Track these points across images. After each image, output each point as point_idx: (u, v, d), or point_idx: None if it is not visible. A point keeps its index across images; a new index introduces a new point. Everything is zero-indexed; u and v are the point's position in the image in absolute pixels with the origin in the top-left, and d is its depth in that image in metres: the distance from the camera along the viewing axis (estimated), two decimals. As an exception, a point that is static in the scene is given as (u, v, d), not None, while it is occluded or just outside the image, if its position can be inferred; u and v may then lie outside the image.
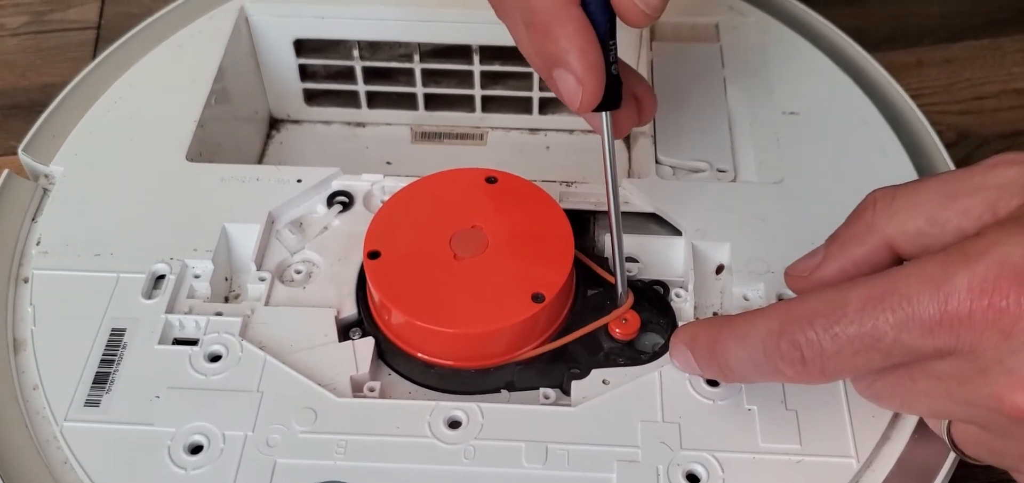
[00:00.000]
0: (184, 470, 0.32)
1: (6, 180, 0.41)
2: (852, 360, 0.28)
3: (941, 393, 0.27)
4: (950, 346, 0.26)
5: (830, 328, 0.28)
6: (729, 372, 0.31)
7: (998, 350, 0.26)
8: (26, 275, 0.38)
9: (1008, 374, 0.26)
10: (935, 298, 0.26)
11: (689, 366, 0.32)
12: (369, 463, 0.32)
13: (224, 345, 0.35)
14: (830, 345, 0.28)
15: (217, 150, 0.44)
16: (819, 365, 0.28)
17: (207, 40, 0.46)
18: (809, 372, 0.28)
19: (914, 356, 0.27)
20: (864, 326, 0.27)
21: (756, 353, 0.29)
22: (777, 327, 0.29)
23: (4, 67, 0.58)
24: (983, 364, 0.26)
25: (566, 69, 0.32)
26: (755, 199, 0.39)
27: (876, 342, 0.27)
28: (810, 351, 0.28)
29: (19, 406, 0.34)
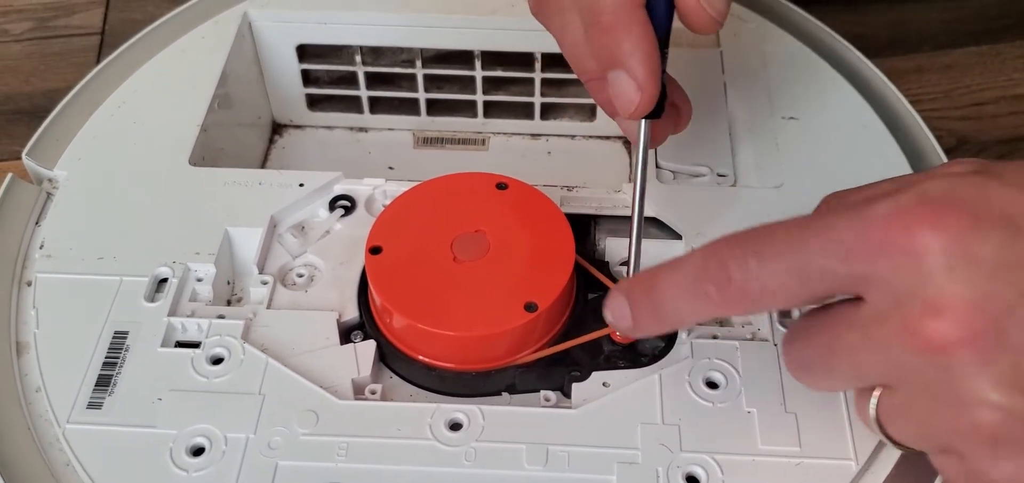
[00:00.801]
0: (186, 472, 0.32)
1: (10, 184, 0.41)
2: (776, 280, 0.27)
3: (862, 343, 0.27)
4: (867, 273, 0.26)
5: (758, 248, 0.28)
6: (660, 307, 0.30)
7: (912, 278, 0.25)
8: (29, 278, 0.38)
9: (920, 303, 0.25)
10: (855, 223, 0.26)
11: (623, 316, 0.31)
12: (370, 465, 0.32)
13: (226, 348, 0.35)
14: (755, 264, 0.27)
15: (220, 155, 0.44)
16: (742, 285, 0.28)
17: (210, 45, 0.46)
18: (732, 293, 0.28)
19: (832, 284, 0.27)
20: (789, 246, 0.27)
21: (687, 278, 0.29)
22: (708, 250, 0.29)
23: (8, 73, 0.58)
24: (897, 296, 0.26)
25: (626, 72, 0.31)
26: (755, 203, 0.40)
27: (800, 266, 0.27)
28: (737, 269, 0.28)
29: (22, 408, 0.34)
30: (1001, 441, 0.26)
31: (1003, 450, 0.26)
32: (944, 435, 0.27)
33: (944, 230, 0.25)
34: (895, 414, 0.28)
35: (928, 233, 0.25)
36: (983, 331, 0.25)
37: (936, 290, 0.25)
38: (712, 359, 0.34)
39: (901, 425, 0.28)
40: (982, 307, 0.25)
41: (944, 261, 0.25)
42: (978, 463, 0.26)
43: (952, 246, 0.25)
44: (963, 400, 0.26)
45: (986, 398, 0.25)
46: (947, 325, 0.25)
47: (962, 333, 0.25)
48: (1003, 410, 0.25)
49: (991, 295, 0.25)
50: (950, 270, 0.25)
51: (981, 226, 0.25)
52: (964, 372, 0.25)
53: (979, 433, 0.26)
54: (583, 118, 0.50)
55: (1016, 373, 0.25)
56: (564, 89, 0.49)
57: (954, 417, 0.26)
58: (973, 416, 0.26)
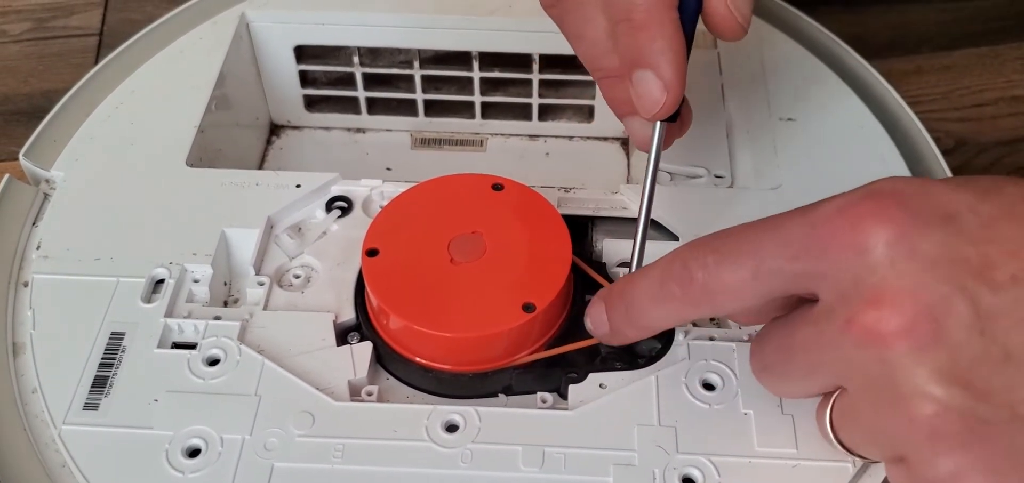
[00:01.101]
0: (182, 474, 0.32)
1: (7, 185, 0.41)
2: (731, 276, 0.28)
3: (814, 340, 0.27)
4: (814, 270, 0.27)
5: (716, 247, 0.29)
6: (631, 310, 0.31)
7: (856, 271, 0.26)
8: (26, 279, 0.38)
9: (862, 295, 0.26)
10: (804, 222, 0.27)
11: (600, 322, 0.32)
12: (367, 467, 0.32)
13: (223, 349, 0.35)
14: (713, 263, 0.29)
15: (217, 156, 0.44)
16: (702, 284, 0.29)
17: (208, 46, 0.46)
18: (695, 291, 0.29)
19: (783, 281, 0.28)
20: (744, 245, 0.28)
21: (654, 281, 0.30)
22: (674, 253, 0.30)
23: (7, 73, 0.58)
24: (843, 290, 0.26)
25: (654, 71, 0.31)
26: (752, 205, 0.40)
27: (755, 264, 0.28)
28: (698, 268, 0.29)
29: (18, 409, 0.34)
30: (939, 435, 0.26)
31: (941, 445, 0.26)
32: (889, 437, 0.27)
33: (887, 224, 0.26)
34: (846, 418, 0.28)
35: (872, 227, 0.26)
36: (921, 323, 0.25)
37: (878, 282, 0.26)
38: (709, 361, 0.34)
39: (851, 430, 0.29)
40: (920, 299, 0.25)
41: (886, 254, 0.26)
42: (920, 461, 0.26)
43: (894, 240, 0.26)
44: (902, 394, 0.26)
45: (923, 390, 0.25)
46: (886, 316, 0.25)
47: (900, 324, 0.25)
48: (940, 403, 0.25)
49: (930, 288, 0.25)
50: (892, 263, 0.26)
51: (923, 222, 0.26)
52: (902, 364, 0.25)
53: (918, 428, 0.26)
54: (581, 119, 0.50)
55: (953, 366, 0.25)
56: (562, 90, 0.49)
57: (895, 413, 0.26)
58: (911, 410, 0.26)
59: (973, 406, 0.25)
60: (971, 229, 0.26)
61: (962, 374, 0.25)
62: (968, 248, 0.25)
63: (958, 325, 0.25)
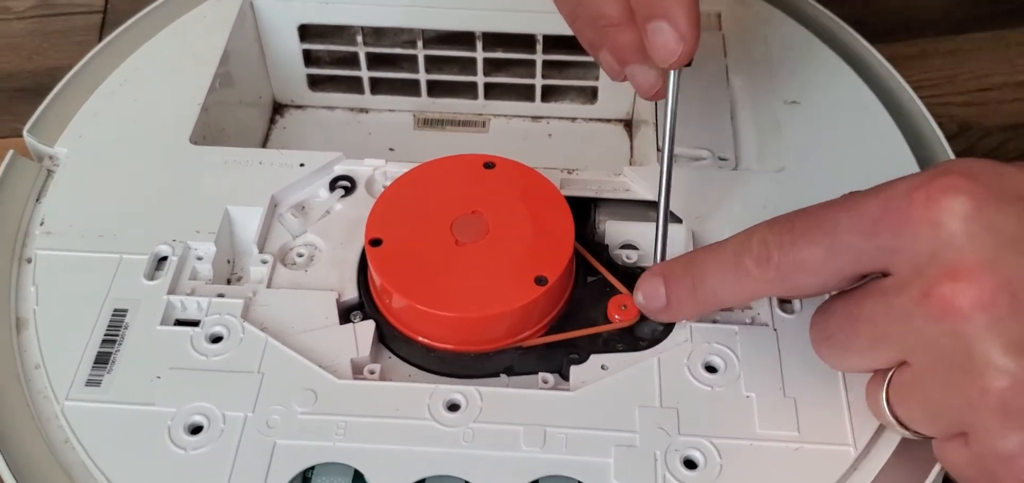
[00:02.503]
0: (184, 450, 0.32)
1: (11, 161, 0.41)
2: (808, 253, 0.29)
3: (882, 312, 0.28)
4: (890, 245, 0.27)
5: (792, 226, 0.29)
6: (700, 285, 0.32)
7: (933, 245, 0.26)
8: (29, 255, 0.38)
9: (938, 267, 0.26)
10: (879, 199, 0.28)
11: (656, 297, 0.33)
12: (369, 444, 0.32)
13: (225, 326, 0.35)
14: (789, 241, 0.29)
15: (221, 134, 0.44)
16: (779, 262, 0.29)
17: (212, 24, 0.46)
18: (771, 270, 0.29)
19: (858, 259, 0.28)
20: (820, 223, 0.29)
21: (728, 256, 0.31)
22: (749, 231, 0.31)
23: (11, 50, 0.58)
24: (918, 263, 0.27)
25: (669, 22, 0.31)
26: (756, 187, 0.40)
27: (830, 242, 0.28)
28: (775, 246, 0.29)
29: (21, 385, 0.34)
30: (1010, 409, 0.26)
31: (1012, 420, 0.26)
32: (955, 410, 0.27)
33: (964, 198, 0.26)
34: (907, 392, 0.29)
35: (949, 201, 0.26)
36: (998, 296, 0.26)
37: (955, 255, 0.26)
38: (711, 343, 0.34)
39: (912, 406, 0.29)
40: (998, 273, 0.26)
41: (964, 227, 0.26)
42: (986, 435, 0.27)
43: (972, 214, 0.26)
44: (975, 366, 0.26)
45: (998, 363, 0.26)
46: (963, 288, 0.26)
47: (977, 296, 0.26)
48: (1014, 377, 0.26)
49: (1007, 263, 0.26)
50: (969, 237, 0.26)
51: (1001, 198, 0.26)
52: (977, 336, 0.26)
53: (988, 400, 0.26)
54: (584, 101, 0.50)
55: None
56: (565, 71, 0.49)
57: (965, 385, 0.26)
58: (984, 382, 0.26)
59: None
60: None
61: None
62: None
63: None
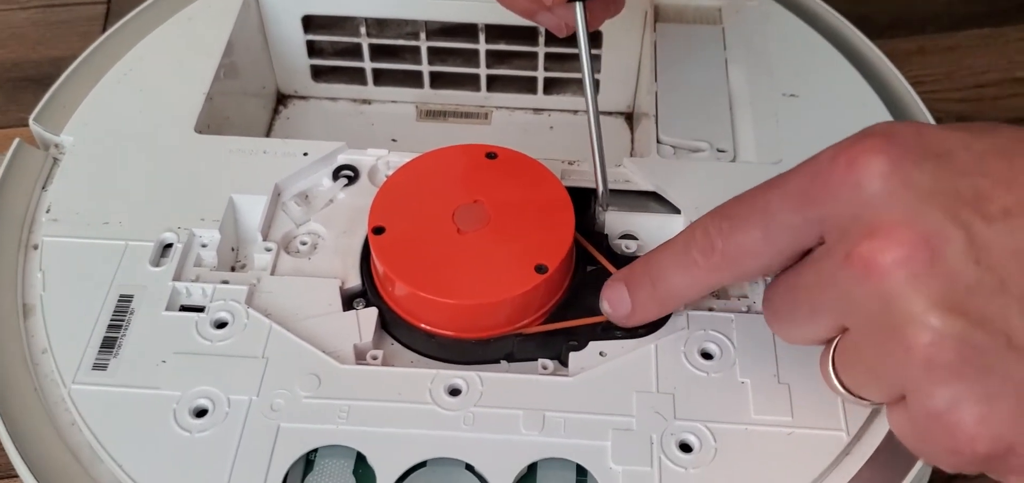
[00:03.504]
0: (189, 432, 0.32)
1: (17, 149, 0.41)
2: (745, 237, 0.30)
3: (816, 280, 0.28)
4: (819, 215, 0.28)
5: (730, 213, 0.30)
6: (657, 283, 0.33)
7: (853, 206, 0.27)
8: (36, 242, 0.39)
9: (860, 228, 0.26)
10: (804, 172, 0.28)
11: (621, 301, 0.34)
12: (371, 427, 0.32)
13: (230, 312, 0.35)
14: (728, 228, 0.30)
15: (225, 123, 0.45)
16: (722, 250, 0.30)
17: (217, 15, 0.47)
18: (716, 258, 0.30)
19: (793, 235, 0.29)
20: (754, 206, 0.29)
21: (677, 251, 0.32)
22: (693, 224, 0.32)
23: (15, 40, 0.59)
24: (842, 227, 0.27)
25: None
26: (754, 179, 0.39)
27: (765, 223, 0.29)
28: (717, 235, 0.30)
29: (28, 369, 0.35)
30: (935, 364, 0.26)
31: (938, 374, 0.26)
32: (888, 372, 0.27)
33: (881, 158, 0.27)
34: (847, 357, 0.29)
35: (868, 162, 0.27)
36: (917, 252, 0.26)
37: (874, 214, 0.26)
38: (707, 330, 0.35)
39: (853, 369, 0.29)
40: (915, 227, 0.26)
41: (882, 186, 0.26)
42: (917, 394, 0.27)
43: (889, 172, 0.26)
44: (899, 324, 0.26)
45: (920, 319, 0.26)
46: (881, 245, 0.26)
47: (896, 254, 0.26)
48: (936, 331, 0.25)
49: (925, 218, 0.26)
50: (887, 194, 0.26)
51: (917, 155, 0.26)
52: (899, 293, 0.26)
53: (914, 357, 0.26)
54: (585, 93, 0.50)
55: (949, 295, 0.25)
56: (567, 64, 0.49)
57: (893, 345, 0.26)
58: (908, 339, 0.26)
59: (969, 334, 0.25)
60: (964, 163, 0.26)
61: (958, 302, 0.25)
62: (961, 180, 0.26)
63: (953, 254, 0.25)
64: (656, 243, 0.38)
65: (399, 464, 0.32)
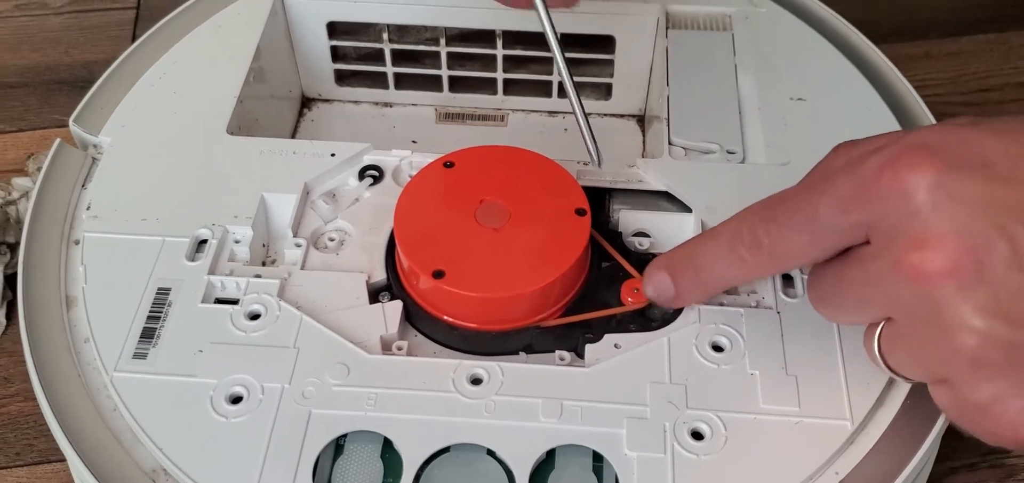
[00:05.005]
0: (225, 418, 0.34)
1: (58, 149, 0.43)
2: (795, 239, 0.31)
3: (861, 278, 0.30)
4: (866, 221, 0.29)
5: (775, 214, 0.31)
6: (701, 274, 0.34)
7: (901, 215, 0.28)
8: (77, 237, 0.40)
9: (908, 238, 0.28)
10: (851, 177, 0.29)
11: (664, 288, 0.35)
12: (397, 414, 0.34)
13: (263, 305, 0.37)
14: (775, 229, 0.31)
15: (254, 125, 0.46)
16: (769, 248, 0.31)
17: (246, 21, 0.49)
18: (763, 256, 0.32)
19: (839, 236, 0.30)
20: (800, 208, 0.31)
21: (723, 246, 0.33)
22: (738, 218, 0.33)
23: (49, 44, 0.61)
24: (889, 234, 0.29)
25: None
26: (762, 180, 0.41)
27: (809, 225, 0.30)
28: (763, 234, 0.31)
29: (72, 357, 0.37)
30: (981, 364, 0.28)
31: (983, 372, 0.28)
32: (933, 363, 0.29)
33: (928, 170, 0.28)
34: (893, 345, 0.31)
35: (913, 176, 0.28)
36: (964, 262, 0.27)
37: (921, 226, 0.28)
38: (718, 325, 0.36)
39: (898, 355, 0.31)
40: (963, 240, 0.27)
41: (929, 199, 0.28)
42: (962, 385, 0.29)
43: (935, 185, 0.28)
44: (947, 326, 0.28)
45: (967, 324, 0.27)
46: (931, 257, 0.28)
47: (945, 264, 0.27)
48: (982, 335, 0.27)
49: (971, 229, 0.27)
50: (934, 208, 0.28)
51: (960, 167, 0.28)
52: (947, 300, 0.28)
53: (961, 357, 0.28)
54: (599, 97, 0.52)
55: (995, 301, 0.27)
56: (581, 68, 0.51)
57: (940, 343, 0.28)
58: (955, 341, 0.28)
59: (1012, 336, 0.27)
60: (1006, 171, 0.28)
61: (1003, 308, 0.27)
62: (1005, 190, 0.27)
63: (999, 263, 0.27)
64: (668, 240, 0.40)
65: (424, 449, 0.33)
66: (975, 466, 0.40)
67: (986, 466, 0.40)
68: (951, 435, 0.37)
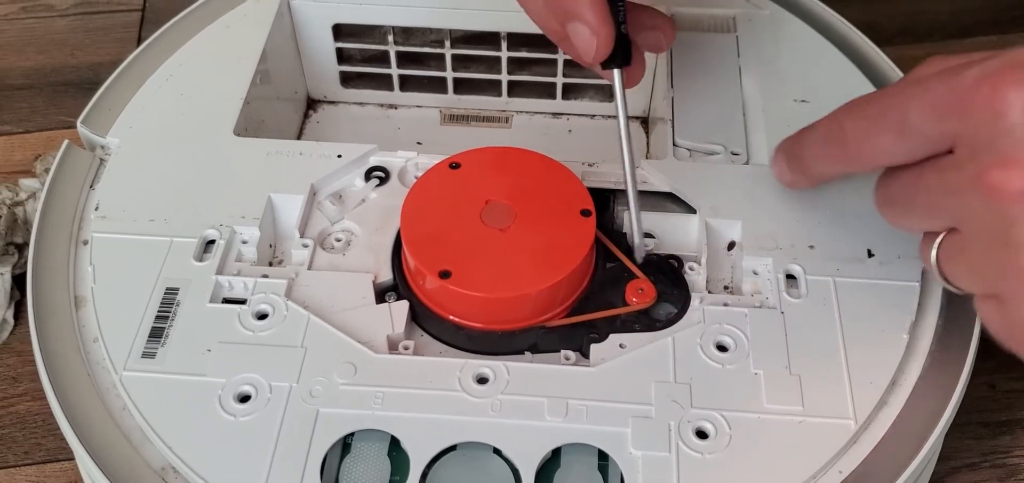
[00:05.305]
0: (234, 417, 0.34)
1: (66, 150, 0.43)
2: (880, 139, 0.32)
3: (938, 185, 0.31)
4: (955, 130, 0.30)
5: (867, 111, 0.33)
6: (803, 162, 0.37)
7: (991, 131, 0.29)
8: (86, 238, 0.41)
9: (993, 153, 0.29)
10: (947, 85, 0.30)
11: (779, 173, 0.39)
12: (404, 413, 0.34)
13: (270, 305, 0.37)
14: (865, 126, 0.32)
15: (260, 126, 0.47)
16: (855, 142, 0.33)
17: (252, 23, 0.49)
18: (850, 151, 0.33)
19: (926, 142, 0.31)
20: (893, 108, 0.31)
21: (818, 138, 0.36)
22: (832, 115, 0.35)
23: (55, 46, 0.61)
24: (976, 147, 0.29)
25: (581, 21, 0.35)
26: (766, 180, 0.41)
27: (900, 124, 0.31)
28: (851, 131, 0.33)
29: (81, 357, 0.37)
30: None
31: None
32: (992, 276, 0.30)
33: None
34: (953, 254, 0.32)
35: (1012, 94, 0.28)
36: None
37: (1010, 145, 0.28)
38: (722, 324, 0.37)
39: (957, 265, 0.32)
40: None
41: (1021, 119, 0.28)
42: (1016, 303, 0.30)
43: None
44: (1013, 243, 0.29)
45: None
46: (1013, 176, 0.28)
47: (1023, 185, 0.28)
48: None
49: None
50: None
51: None
52: (1019, 219, 0.28)
53: (1022, 275, 0.29)
54: (603, 98, 0.52)
55: None
56: (585, 71, 0.51)
57: (1003, 259, 0.29)
58: (1020, 259, 0.29)
59: None
60: None
61: None
62: None
63: None
64: (672, 241, 0.41)
65: (431, 447, 0.33)
66: (977, 466, 0.41)
67: (987, 466, 0.41)
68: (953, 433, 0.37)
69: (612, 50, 0.36)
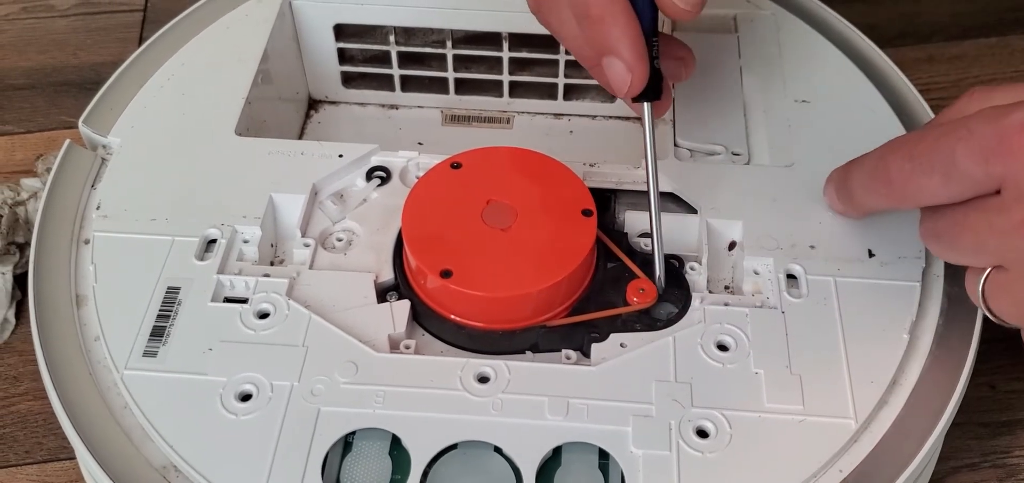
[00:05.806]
0: (235, 416, 0.34)
1: (67, 150, 0.43)
2: (926, 181, 0.32)
3: (984, 225, 0.31)
4: (1001, 174, 0.30)
5: (912, 153, 0.33)
6: (852, 195, 0.37)
7: None
8: (87, 237, 0.41)
9: None
10: (993, 129, 0.30)
11: (832, 200, 0.39)
12: (405, 412, 0.34)
13: (272, 304, 0.37)
14: (909, 165, 0.32)
15: (262, 126, 0.47)
16: (901, 185, 0.33)
17: (254, 24, 0.49)
18: (896, 191, 0.33)
19: (972, 184, 0.31)
20: (938, 150, 0.31)
21: (866, 176, 0.36)
22: (879, 152, 0.35)
23: (56, 46, 0.61)
24: (1022, 190, 0.30)
25: (617, 56, 0.35)
26: (767, 181, 0.42)
27: (946, 167, 0.31)
28: (897, 172, 0.33)
29: (82, 355, 0.37)
30: None
31: None
32: None
33: None
34: (999, 291, 0.32)
35: None
36: None
37: None
38: (723, 324, 0.37)
39: (1002, 301, 0.33)
40: None
41: None
42: None
43: None
44: None
45: None
46: None
47: None
48: None
49: None
50: None
51: None
52: None
53: None
54: (604, 99, 0.52)
55: None
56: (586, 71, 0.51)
57: None
58: None
59: None
60: None
61: None
62: None
63: None
64: (673, 241, 0.41)
65: (432, 446, 0.33)
66: (977, 466, 0.41)
67: (988, 465, 0.41)
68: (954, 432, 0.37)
69: None
